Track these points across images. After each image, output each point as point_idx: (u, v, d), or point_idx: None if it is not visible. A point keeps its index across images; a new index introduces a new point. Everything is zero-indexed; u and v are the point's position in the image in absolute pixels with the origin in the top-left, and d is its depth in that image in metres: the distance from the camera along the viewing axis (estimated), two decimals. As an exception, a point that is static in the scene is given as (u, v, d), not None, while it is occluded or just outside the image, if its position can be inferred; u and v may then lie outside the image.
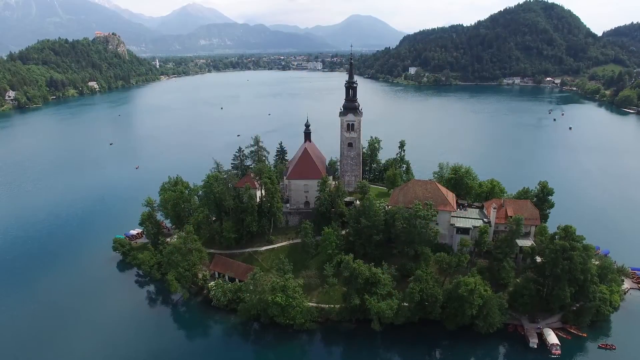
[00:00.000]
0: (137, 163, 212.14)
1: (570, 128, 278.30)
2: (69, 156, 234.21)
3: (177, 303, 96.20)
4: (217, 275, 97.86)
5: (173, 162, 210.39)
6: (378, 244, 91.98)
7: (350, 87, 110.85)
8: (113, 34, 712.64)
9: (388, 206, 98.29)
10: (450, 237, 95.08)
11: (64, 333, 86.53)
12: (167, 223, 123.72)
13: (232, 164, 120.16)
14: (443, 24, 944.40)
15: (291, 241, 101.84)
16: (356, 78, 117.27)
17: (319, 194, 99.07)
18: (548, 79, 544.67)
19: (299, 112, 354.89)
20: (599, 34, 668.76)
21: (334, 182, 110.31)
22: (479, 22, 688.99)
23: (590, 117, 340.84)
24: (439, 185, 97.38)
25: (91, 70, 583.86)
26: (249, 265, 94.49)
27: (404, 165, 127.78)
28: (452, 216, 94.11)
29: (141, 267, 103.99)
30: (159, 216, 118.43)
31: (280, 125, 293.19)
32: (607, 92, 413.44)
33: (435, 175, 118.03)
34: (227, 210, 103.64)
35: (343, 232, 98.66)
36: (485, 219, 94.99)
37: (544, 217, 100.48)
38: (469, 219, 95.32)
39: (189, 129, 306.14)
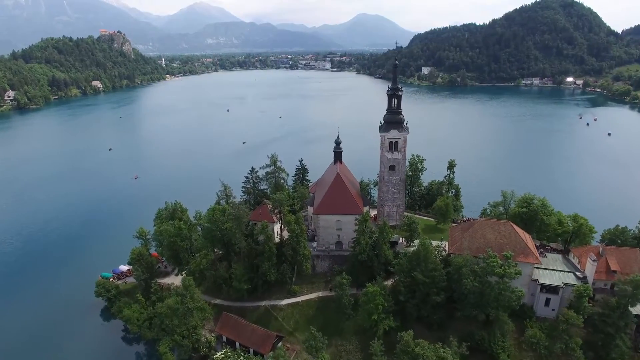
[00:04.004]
0: (136, 172, 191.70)
1: (609, 134, 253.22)
2: (63, 164, 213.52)
3: (173, 374, 74.66)
4: (224, 340, 75.46)
5: (175, 173, 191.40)
6: (438, 306, 69.50)
7: (394, 96, 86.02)
8: (118, 32, 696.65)
9: (445, 251, 75.77)
10: (531, 295, 72.23)
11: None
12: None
13: (243, 187, 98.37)
14: (452, 23, 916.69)
15: (320, 294, 79.27)
16: (367, 79, 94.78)
17: (357, 237, 75.69)
18: (569, 79, 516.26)
19: (311, 115, 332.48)
20: (618, 32, 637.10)
21: (372, 215, 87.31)
22: (494, 21, 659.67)
23: (626, 121, 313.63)
24: (514, 226, 74.17)
25: (95, 69, 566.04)
26: (268, 331, 71.75)
27: (453, 190, 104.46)
28: (534, 267, 71.21)
29: (128, 323, 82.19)
30: (154, 248, 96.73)
31: (292, 130, 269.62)
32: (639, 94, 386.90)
33: (491, 205, 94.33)
34: (238, 250, 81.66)
35: (387, 282, 76.10)
36: (577, 272, 71.94)
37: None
38: (557, 271, 72.26)
39: (193, 134, 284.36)
